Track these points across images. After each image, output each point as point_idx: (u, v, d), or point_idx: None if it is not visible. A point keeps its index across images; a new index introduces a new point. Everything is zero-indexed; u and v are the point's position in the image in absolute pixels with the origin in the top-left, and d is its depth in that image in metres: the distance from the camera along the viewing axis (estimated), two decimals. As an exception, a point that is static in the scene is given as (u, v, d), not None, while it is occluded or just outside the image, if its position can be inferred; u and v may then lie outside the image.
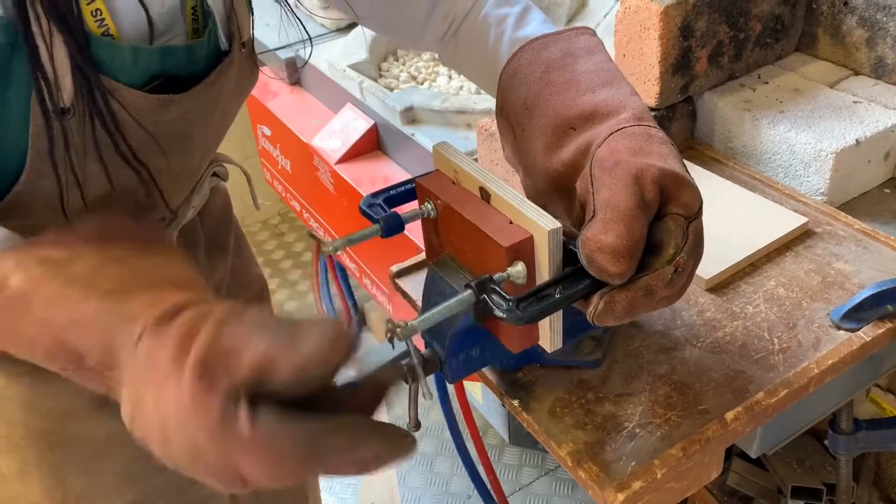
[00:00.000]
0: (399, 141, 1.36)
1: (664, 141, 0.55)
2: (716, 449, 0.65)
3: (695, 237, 0.53)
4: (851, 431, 0.88)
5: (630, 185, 0.51)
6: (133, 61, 0.54)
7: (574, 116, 0.58)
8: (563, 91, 0.60)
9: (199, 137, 0.65)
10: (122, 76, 0.54)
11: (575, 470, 0.63)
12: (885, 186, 0.96)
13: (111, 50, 0.53)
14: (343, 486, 1.80)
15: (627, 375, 0.70)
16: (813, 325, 0.73)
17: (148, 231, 0.57)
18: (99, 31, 0.52)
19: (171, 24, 0.58)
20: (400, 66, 1.57)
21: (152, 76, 0.56)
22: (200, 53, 0.60)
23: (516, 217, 0.57)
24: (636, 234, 0.50)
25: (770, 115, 0.95)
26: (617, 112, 0.57)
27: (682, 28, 0.95)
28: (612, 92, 0.59)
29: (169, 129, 0.59)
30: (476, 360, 0.66)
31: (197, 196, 0.74)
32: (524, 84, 0.63)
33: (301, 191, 1.70)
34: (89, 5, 0.51)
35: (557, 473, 1.76)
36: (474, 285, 0.50)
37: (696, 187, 0.53)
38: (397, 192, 0.67)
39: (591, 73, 0.60)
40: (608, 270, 0.50)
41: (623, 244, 0.49)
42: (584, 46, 0.63)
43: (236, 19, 0.63)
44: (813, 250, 0.83)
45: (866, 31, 1.00)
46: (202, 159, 0.70)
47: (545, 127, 0.60)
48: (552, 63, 0.62)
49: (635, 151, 0.53)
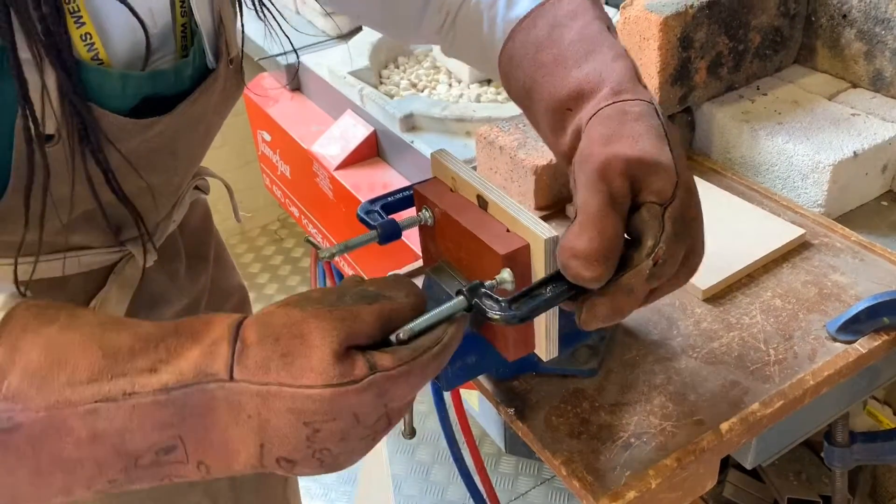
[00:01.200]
0: (398, 148, 1.36)
1: (639, 116, 0.52)
2: (711, 459, 0.65)
3: (674, 223, 0.49)
4: (847, 444, 0.88)
5: (596, 182, 0.49)
6: (122, 87, 0.53)
7: (566, 98, 0.57)
8: (553, 71, 0.58)
9: (183, 153, 0.64)
10: (111, 102, 0.52)
11: (569, 479, 0.63)
12: (882, 199, 0.96)
13: (101, 77, 0.52)
14: (338, 494, 1.79)
15: (623, 385, 0.70)
16: (809, 337, 0.73)
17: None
18: (88, 55, 0.51)
19: (162, 43, 0.57)
20: (400, 73, 1.57)
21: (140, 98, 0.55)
22: (187, 73, 0.59)
23: (513, 225, 0.57)
24: (608, 234, 0.48)
25: (768, 127, 0.96)
26: (597, 89, 0.55)
27: (682, 39, 0.95)
28: (594, 64, 0.56)
29: (152, 147, 0.58)
30: (472, 368, 0.66)
31: (178, 210, 0.73)
32: (520, 68, 0.61)
33: (300, 197, 1.70)
34: (79, 29, 0.50)
35: (553, 483, 1.75)
36: (465, 291, 0.50)
37: (670, 168, 0.50)
38: (395, 198, 0.67)
39: (575, 44, 0.58)
40: (583, 276, 0.48)
41: (594, 248, 0.47)
42: (568, 11, 0.60)
43: (224, 35, 0.62)
44: (810, 262, 0.83)
45: (865, 44, 1.00)
46: (185, 174, 0.69)
47: (545, 111, 0.59)
48: (540, 42, 0.60)
49: (607, 139, 0.51)
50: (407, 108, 1.34)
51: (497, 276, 0.55)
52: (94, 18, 0.51)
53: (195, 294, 0.79)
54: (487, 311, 0.50)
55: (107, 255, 0.65)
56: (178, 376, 0.40)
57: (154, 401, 0.40)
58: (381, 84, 1.55)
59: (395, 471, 1.80)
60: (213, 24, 0.62)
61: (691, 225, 0.51)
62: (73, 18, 0.49)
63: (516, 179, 0.96)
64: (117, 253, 0.66)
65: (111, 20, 0.52)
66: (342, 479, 1.82)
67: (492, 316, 0.50)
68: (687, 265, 0.53)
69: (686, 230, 0.51)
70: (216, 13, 0.61)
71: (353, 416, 0.41)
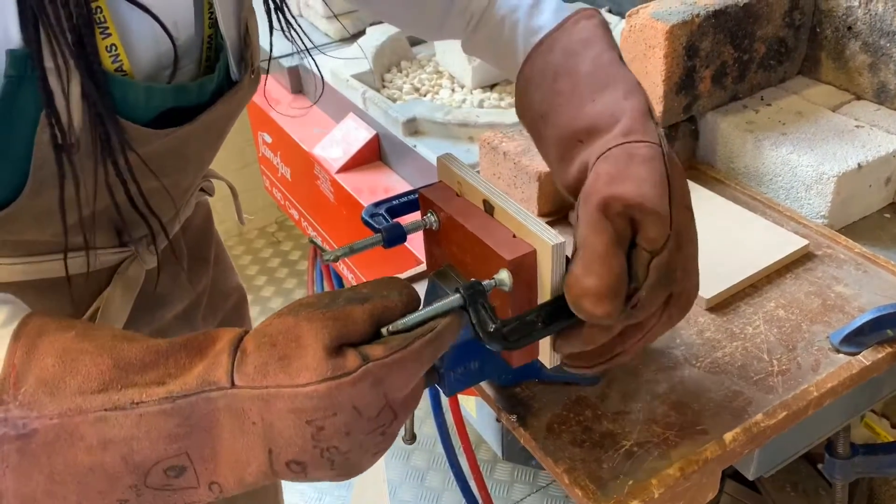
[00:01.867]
0: (401, 152, 1.36)
1: (644, 159, 0.53)
2: (713, 470, 0.65)
3: (657, 272, 0.51)
4: (848, 456, 0.87)
5: (600, 220, 0.51)
6: (146, 99, 0.53)
7: (580, 129, 0.58)
8: (570, 100, 0.59)
9: (193, 156, 0.65)
10: (133, 113, 0.53)
11: (571, 487, 0.62)
12: (885, 211, 0.96)
13: (125, 88, 0.52)
14: (333, 499, 1.78)
15: (626, 393, 0.70)
16: (812, 348, 0.73)
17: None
18: (113, 66, 0.51)
19: (185, 54, 0.57)
20: (403, 77, 1.57)
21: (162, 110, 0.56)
22: (210, 88, 0.59)
23: (520, 231, 0.57)
24: (615, 271, 0.50)
25: (772, 137, 0.96)
26: (609, 128, 0.56)
27: (687, 48, 0.95)
28: (608, 99, 0.57)
29: (164, 150, 0.58)
30: (475, 373, 0.66)
31: (184, 212, 0.73)
32: (538, 91, 0.62)
33: (300, 199, 1.70)
34: (105, 40, 0.50)
35: (549, 490, 1.75)
36: (463, 290, 0.50)
37: (664, 218, 0.51)
38: (400, 202, 0.67)
39: (590, 76, 0.59)
40: (595, 314, 0.50)
41: (604, 285, 0.49)
42: (583, 38, 0.61)
43: (250, 47, 0.62)
44: (813, 273, 0.83)
45: (869, 56, 1.00)
46: (195, 177, 0.69)
47: (557, 138, 0.60)
48: (558, 68, 0.61)
49: (613, 178, 0.52)
50: (410, 112, 1.33)
51: (496, 276, 0.55)
52: (120, 30, 0.51)
53: (196, 295, 0.78)
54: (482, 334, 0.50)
55: (111, 255, 0.64)
56: (182, 386, 0.41)
57: (160, 409, 0.41)
58: (384, 88, 1.55)
59: (391, 476, 1.80)
60: (238, 35, 0.61)
61: (675, 273, 0.53)
62: (100, 29, 0.49)
63: (520, 185, 0.96)
64: (121, 253, 0.65)
65: (135, 32, 0.52)
66: (337, 484, 1.81)
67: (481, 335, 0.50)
68: (675, 307, 0.55)
69: (669, 280, 0.52)
70: (242, 25, 0.61)
71: (353, 409, 0.42)
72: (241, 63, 0.62)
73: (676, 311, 0.55)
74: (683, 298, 0.55)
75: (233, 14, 0.60)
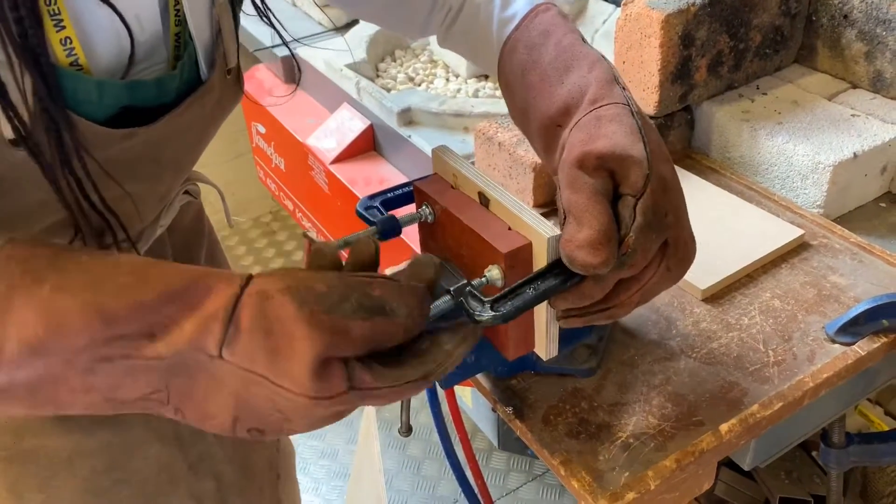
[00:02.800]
0: (395, 142, 1.35)
1: (614, 117, 0.54)
2: (709, 461, 0.65)
3: (644, 214, 0.51)
4: (844, 445, 0.88)
5: (577, 178, 0.52)
6: (98, 95, 0.51)
7: (555, 115, 0.59)
8: (541, 91, 0.61)
9: (169, 161, 0.63)
10: (86, 109, 0.51)
11: (568, 479, 0.62)
12: (880, 200, 0.96)
13: (76, 83, 0.50)
14: (329, 489, 1.79)
15: (622, 385, 0.70)
16: (808, 338, 0.73)
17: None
18: (67, 60, 0.49)
19: (151, 51, 0.56)
20: (397, 66, 1.56)
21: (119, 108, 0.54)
22: (172, 86, 0.57)
23: (515, 223, 0.56)
24: (603, 220, 0.51)
25: (768, 127, 0.95)
26: (579, 102, 0.57)
27: (683, 37, 0.95)
28: (574, 77, 0.59)
29: (133, 155, 0.56)
30: (471, 366, 0.66)
31: (165, 216, 0.72)
32: (516, 92, 0.64)
33: (294, 190, 1.69)
34: (59, 33, 0.48)
35: (545, 479, 1.75)
36: (452, 291, 0.50)
37: (641, 161, 0.52)
38: (395, 194, 0.67)
39: (554, 62, 0.61)
40: (592, 263, 0.50)
41: (595, 234, 0.50)
42: (542, 30, 0.63)
43: (223, 46, 0.61)
44: (809, 263, 0.83)
45: (865, 44, 1.00)
46: (172, 182, 0.67)
47: (539, 130, 0.61)
48: (525, 64, 0.62)
49: (584, 142, 0.54)
50: (404, 102, 1.33)
51: (486, 273, 0.55)
52: (77, 23, 0.49)
53: None
54: (473, 312, 0.50)
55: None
56: (173, 348, 0.42)
57: (147, 364, 0.42)
58: (378, 77, 1.54)
59: (387, 465, 1.80)
60: (210, 33, 0.60)
61: (666, 218, 0.53)
62: (53, 21, 0.48)
63: (515, 176, 0.95)
64: None
65: (95, 25, 0.50)
66: (334, 474, 1.82)
67: (477, 318, 0.50)
68: (675, 258, 0.55)
69: (660, 222, 0.53)
70: (215, 22, 0.60)
71: (322, 420, 0.44)
72: (213, 62, 0.60)
73: (675, 263, 0.55)
74: (680, 249, 0.55)
75: (205, 11, 0.59)
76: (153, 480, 0.73)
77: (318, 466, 1.84)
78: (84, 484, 0.69)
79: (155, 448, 0.72)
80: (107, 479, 0.70)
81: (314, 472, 1.83)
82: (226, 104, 0.65)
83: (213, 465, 0.78)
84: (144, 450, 0.72)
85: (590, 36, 1.55)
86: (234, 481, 0.81)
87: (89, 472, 0.69)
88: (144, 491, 0.73)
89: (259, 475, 0.87)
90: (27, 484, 0.67)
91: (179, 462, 0.74)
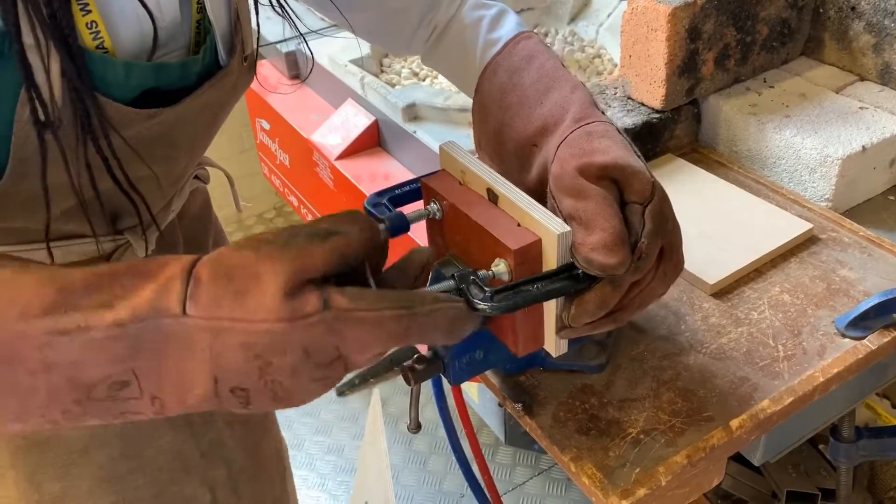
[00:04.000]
0: (400, 138, 1.35)
1: (604, 133, 0.57)
2: (720, 457, 0.65)
3: (654, 219, 0.54)
4: (853, 440, 0.88)
5: (585, 185, 0.54)
6: (126, 77, 0.52)
7: (532, 134, 0.61)
8: (519, 111, 0.63)
9: (185, 144, 0.64)
10: (114, 91, 0.52)
11: (578, 476, 0.62)
12: (889, 193, 0.95)
13: (104, 65, 0.51)
14: (336, 484, 1.79)
15: (631, 381, 0.70)
16: (818, 333, 0.73)
17: None
18: (94, 44, 0.50)
19: (170, 37, 0.56)
20: (402, 62, 1.56)
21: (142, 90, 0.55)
22: (194, 69, 0.58)
23: (524, 220, 0.56)
24: (615, 221, 0.52)
25: (776, 120, 0.95)
26: (561, 120, 0.60)
27: (690, 30, 0.94)
28: (555, 97, 0.62)
29: (153, 136, 0.57)
30: (480, 363, 0.66)
31: (177, 200, 0.72)
32: (490, 114, 0.66)
33: (299, 186, 1.69)
34: (85, 17, 0.49)
35: (551, 473, 1.76)
36: (456, 276, 0.50)
37: (643, 171, 0.55)
38: (402, 191, 0.66)
39: (535, 84, 0.63)
40: (608, 264, 0.52)
41: (609, 235, 0.52)
42: (524, 56, 0.66)
43: (241, 33, 0.62)
44: (818, 256, 0.83)
45: (873, 36, 0.99)
46: (187, 165, 0.68)
47: (514, 150, 0.63)
48: (504, 87, 0.65)
49: (579, 156, 0.56)
50: (409, 97, 1.32)
51: (493, 267, 0.55)
52: (101, 8, 0.50)
53: None
54: (472, 299, 0.49)
55: (102, 244, 0.64)
56: (132, 311, 0.41)
57: (107, 336, 0.41)
58: (382, 73, 1.54)
59: (393, 460, 1.80)
60: (228, 21, 0.61)
61: (667, 224, 0.56)
62: (80, 5, 0.49)
63: (521, 171, 0.95)
64: (112, 242, 0.65)
65: (118, 10, 0.51)
66: (340, 469, 1.82)
67: (476, 305, 0.49)
68: (670, 263, 0.57)
69: (664, 227, 0.55)
70: (233, 10, 0.61)
71: (303, 351, 0.41)
72: (231, 48, 0.62)
73: (671, 268, 0.57)
74: (675, 253, 0.57)
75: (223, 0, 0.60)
76: (167, 468, 0.73)
77: (325, 462, 1.84)
78: (101, 472, 0.70)
79: (168, 436, 0.73)
80: (123, 467, 0.70)
81: (320, 467, 1.83)
82: (239, 89, 0.66)
83: (224, 453, 0.78)
84: (158, 437, 0.72)
85: (594, 29, 1.55)
86: (245, 469, 0.81)
87: (105, 461, 0.69)
88: (159, 479, 0.73)
89: (269, 465, 0.87)
90: (46, 473, 0.68)
91: (192, 449, 0.75)
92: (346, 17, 0.72)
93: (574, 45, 1.50)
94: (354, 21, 0.73)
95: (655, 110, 1.00)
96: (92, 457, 0.69)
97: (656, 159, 1.00)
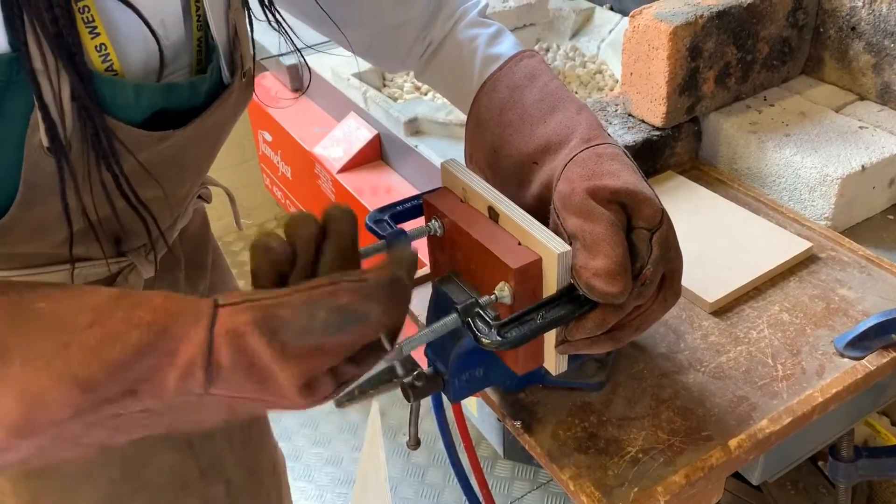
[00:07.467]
0: (402, 152, 1.36)
1: (614, 156, 0.57)
2: (718, 476, 0.65)
3: (660, 247, 0.55)
4: (852, 459, 0.88)
5: (594, 208, 0.54)
6: (136, 98, 0.52)
7: (533, 152, 0.62)
8: (519, 128, 0.63)
9: (191, 164, 0.64)
10: (124, 113, 0.52)
11: (577, 495, 0.62)
12: (888, 213, 0.95)
13: (114, 87, 0.51)
14: (334, 496, 1.78)
15: (630, 399, 0.70)
16: (817, 352, 0.73)
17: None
18: (103, 66, 0.50)
19: (175, 56, 0.56)
20: (404, 76, 1.56)
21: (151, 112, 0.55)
22: (203, 88, 0.58)
23: (525, 238, 0.57)
24: (620, 249, 0.53)
25: (776, 138, 0.95)
26: (567, 140, 0.60)
27: (691, 48, 0.95)
28: (560, 117, 0.62)
29: (162, 158, 0.57)
30: (479, 380, 0.66)
31: (181, 220, 0.72)
32: (488, 129, 0.66)
33: (301, 198, 1.69)
34: (94, 40, 0.49)
35: (549, 487, 1.75)
36: (460, 310, 0.51)
37: (653, 198, 0.55)
38: (404, 207, 0.67)
39: (538, 103, 0.63)
40: (609, 292, 0.52)
41: (612, 263, 0.52)
42: (527, 73, 0.66)
43: (240, 49, 0.62)
44: (817, 275, 0.83)
45: (873, 56, 1.00)
46: (192, 185, 0.68)
47: (513, 166, 0.63)
48: (504, 103, 0.65)
49: (588, 177, 0.56)
50: (411, 111, 1.33)
51: (496, 291, 0.56)
52: (109, 29, 0.50)
53: None
54: (479, 335, 0.51)
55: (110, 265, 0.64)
56: (160, 399, 0.43)
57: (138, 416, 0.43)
58: (385, 87, 1.54)
59: (391, 473, 1.80)
60: (227, 37, 0.61)
61: (670, 251, 0.56)
62: (88, 28, 0.49)
63: (522, 187, 0.96)
64: (117, 264, 0.65)
65: (125, 32, 0.51)
66: (338, 481, 1.82)
67: (483, 342, 0.50)
68: (671, 289, 0.57)
69: (668, 254, 0.56)
70: (231, 26, 0.61)
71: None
72: (231, 65, 0.62)
73: (671, 294, 0.57)
74: (676, 279, 0.58)
75: (222, 15, 0.60)
76: (167, 487, 0.74)
77: (323, 473, 1.84)
78: (103, 494, 0.70)
79: (168, 455, 0.73)
80: (124, 488, 0.70)
81: (319, 479, 1.83)
82: (240, 106, 0.66)
83: (222, 470, 0.79)
84: (158, 457, 0.72)
85: (596, 45, 1.56)
86: (243, 485, 0.81)
87: (108, 483, 0.69)
88: (159, 498, 0.73)
89: (266, 480, 0.87)
90: (48, 498, 0.68)
91: (192, 468, 0.75)
92: (343, 33, 0.72)
93: (576, 61, 1.51)
94: (351, 37, 0.73)
95: (656, 128, 1.00)
96: (95, 479, 0.69)
97: (657, 176, 1.01)
